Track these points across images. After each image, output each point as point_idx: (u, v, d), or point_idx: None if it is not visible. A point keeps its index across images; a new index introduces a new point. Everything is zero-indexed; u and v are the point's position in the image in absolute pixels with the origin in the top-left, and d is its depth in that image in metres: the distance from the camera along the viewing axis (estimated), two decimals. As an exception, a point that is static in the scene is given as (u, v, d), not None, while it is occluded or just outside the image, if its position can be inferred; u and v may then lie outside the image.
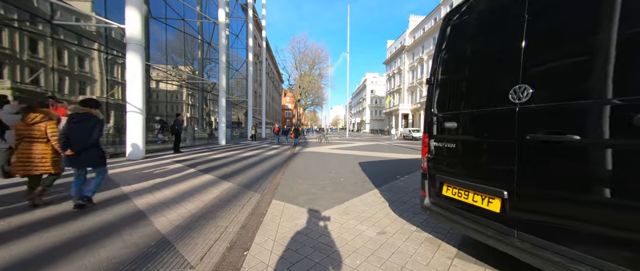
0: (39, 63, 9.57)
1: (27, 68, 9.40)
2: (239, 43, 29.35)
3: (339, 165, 7.79)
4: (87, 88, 11.39)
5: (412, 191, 4.53)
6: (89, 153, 3.21)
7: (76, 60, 10.96)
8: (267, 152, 12.06)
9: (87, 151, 3.19)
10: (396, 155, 11.00)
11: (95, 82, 11.50)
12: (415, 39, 41.52)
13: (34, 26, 9.56)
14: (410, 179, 5.59)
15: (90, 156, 3.23)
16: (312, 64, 33.01)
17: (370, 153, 11.82)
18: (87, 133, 3.14)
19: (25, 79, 9.38)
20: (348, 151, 12.68)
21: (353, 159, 9.38)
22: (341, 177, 5.79)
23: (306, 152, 11.97)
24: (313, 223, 2.99)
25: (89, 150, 3.20)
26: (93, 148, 3.25)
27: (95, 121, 3.23)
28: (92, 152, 3.25)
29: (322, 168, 7.32)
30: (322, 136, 21.33)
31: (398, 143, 21.32)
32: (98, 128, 3.24)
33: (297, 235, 2.66)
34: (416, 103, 40.06)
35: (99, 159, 3.37)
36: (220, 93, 15.86)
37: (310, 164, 8.12)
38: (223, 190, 4.54)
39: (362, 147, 15.90)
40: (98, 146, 3.34)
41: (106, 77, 11.62)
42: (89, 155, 3.22)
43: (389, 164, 8.13)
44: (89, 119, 3.19)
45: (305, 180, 5.51)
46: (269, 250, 2.33)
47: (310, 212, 3.36)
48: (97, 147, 3.32)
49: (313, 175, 6.04)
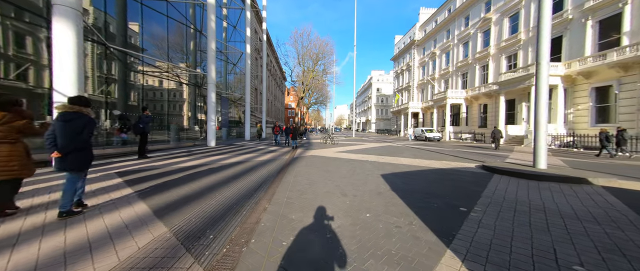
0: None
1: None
2: (237, 36, 27.16)
3: (356, 180, 5.44)
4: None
5: (521, 254, 2.15)
6: (78, 155, 2.93)
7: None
8: (260, 156, 9.75)
9: (77, 153, 2.92)
10: (422, 161, 8.60)
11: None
12: (426, 32, 38.89)
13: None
14: (490, 215, 3.21)
15: (78, 158, 2.93)
16: (316, 59, 30.56)
17: (389, 158, 9.44)
18: (77, 134, 2.87)
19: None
20: (360, 155, 10.31)
21: (371, 169, 7.01)
22: (366, 207, 3.45)
23: (309, 157, 9.64)
24: None
25: (78, 152, 2.93)
26: (83, 150, 2.97)
27: (86, 121, 2.93)
28: (81, 154, 2.96)
29: (331, 185, 4.99)
30: (327, 136, 18.98)
31: (413, 144, 18.87)
32: (89, 128, 2.95)
33: None
34: (427, 101, 37.43)
35: (87, 162, 3.07)
36: (209, 87, 13.62)
37: (314, 178, 5.80)
38: (133, 253, 2.22)
39: (375, 149, 13.51)
40: (88, 149, 3.04)
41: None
42: (78, 157, 2.94)
43: (425, 178, 5.74)
44: (79, 119, 2.89)
45: (306, 213, 3.19)
46: None
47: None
48: (87, 149, 3.02)
49: (318, 202, 3.70)
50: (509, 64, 23.19)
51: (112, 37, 11.92)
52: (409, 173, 6.26)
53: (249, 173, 6.23)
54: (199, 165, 7.09)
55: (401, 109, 42.73)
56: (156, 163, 7.34)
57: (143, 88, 13.97)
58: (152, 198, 3.82)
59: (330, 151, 12.21)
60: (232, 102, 26.66)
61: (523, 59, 21.34)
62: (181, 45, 16.94)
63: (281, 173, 6.31)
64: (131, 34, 13.23)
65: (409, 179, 5.55)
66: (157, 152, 10.25)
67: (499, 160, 9.25)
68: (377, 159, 9.17)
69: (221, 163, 7.76)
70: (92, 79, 10.99)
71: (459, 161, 8.91)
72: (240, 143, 16.32)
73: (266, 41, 32.31)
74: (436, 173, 6.30)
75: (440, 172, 6.51)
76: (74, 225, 2.75)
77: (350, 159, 9.09)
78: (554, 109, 17.68)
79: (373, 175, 5.98)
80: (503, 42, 23.50)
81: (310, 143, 18.16)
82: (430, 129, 27.62)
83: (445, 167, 7.34)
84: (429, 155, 10.66)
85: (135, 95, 13.67)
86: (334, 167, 7.31)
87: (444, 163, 8.11)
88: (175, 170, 6.24)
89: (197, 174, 5.84)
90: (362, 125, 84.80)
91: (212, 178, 5.55)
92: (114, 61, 12.12)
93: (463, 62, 29.50)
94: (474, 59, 27.55)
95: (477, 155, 11.38)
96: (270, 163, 7.86)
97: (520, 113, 20.40)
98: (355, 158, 9.47)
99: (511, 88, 19.22)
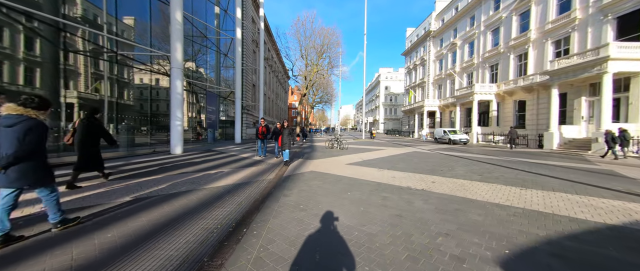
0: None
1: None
2: (230, 23, 23.37)
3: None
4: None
5: None
6: (20, 167, 2.40)
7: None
8: (229, 177, 5.96)
9: (19, 165, 2.39)
10: (539, 196, 4.67)
11: None
12: (444, 21, 34.66)
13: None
14: None
15: (22, 171, 2.41)
16: (321, 51, 26.63)
17: (448, 182, 5.52)
18: (16, 142, 2.37)
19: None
20: (389, 173, 6.41)
21: (440, 222, 3.11)
22: None
23: (306, 179, 5.79)
24: None
25: (21, 164, 2.40)
26: (28, 161, 2.45)
27: (30, 125, 2.42)
28: (27, 166, 2.44)
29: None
30: (334, 140, 15.08)
31: (438, 149, 14.80)
32: (33, 135, 2.43)
33: None
34: (446, 98, 33.24)
35: (37, 175, 2.52)
36: (173, 73, 9.85)
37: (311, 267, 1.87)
38: None
39: (402, 159, 9.57)
40: (35, 159, 2.50)
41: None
42: (20, 170, 2.40)
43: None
44: (21, 123, 2.40)
45: None
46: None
47: None
48: (33, 160, 2.49)
49: None
50: (557, 50, 18.93)
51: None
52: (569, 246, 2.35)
53: (157, 239, 2.39)
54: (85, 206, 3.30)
55: (415, 108, 38.55)
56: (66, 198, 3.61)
57: (64, 70, 9.34)
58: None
59: (340, 162, 8.34)
60: (223, 98, 23.02)
61: (579, 42, 17.09)
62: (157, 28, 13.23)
63: (237, 232, 2.49)
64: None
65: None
66: (113, 162, 6.54)
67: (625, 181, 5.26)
68: (429, 186, 5.25)
69: (163, 193, 3.96)
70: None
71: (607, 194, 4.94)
72: (221, 150, 12.56)
73: (264, 29, 28.60)
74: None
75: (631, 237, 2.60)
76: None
77: (378, 184, 5.20)
78: (634, 104, 13.47)
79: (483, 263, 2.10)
80: (549, 24, 19.25)
81: (313, 148, 14.32)
82: (454, 130, 23.48)
83: (625, 220, 3.40)
84: (500, 172, 6.70)
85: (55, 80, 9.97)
86: (355, 210, 3.44)
87: (595, 201, 4.18)
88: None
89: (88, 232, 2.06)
90: (369, 125, 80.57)
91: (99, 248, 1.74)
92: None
93: (492, 52, 25.24)
94: (507, 47, 23.30)
95: (569, 172, 7.36)
96: (237, 197, 4.03)
97: (579, 110, 16.15)
98: (386, 180, 5.57)
99: (570, 79, 15.02)
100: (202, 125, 18.85)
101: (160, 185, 4.83)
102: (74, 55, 9.93)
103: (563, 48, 18.45)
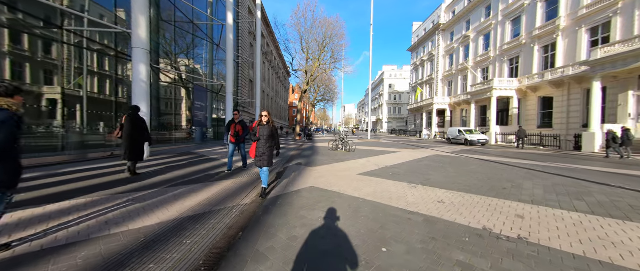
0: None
1: None
2: (223, 12, 21.19)
3: None
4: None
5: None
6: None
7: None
8: (177, 202, 3.79)
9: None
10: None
11: None
12: (456, 13, 32.33)
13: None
14: None
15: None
16: (323, 44, 24.44)
17: (533, 214, 3.31)
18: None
19: None
20: (430, 190, 4.20)
21: None
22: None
23: (305, 201, 3.59)
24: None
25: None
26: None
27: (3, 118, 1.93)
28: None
29: None
30: (339, 141, 12.88)
31: (461, 151, 12.54)
32: (5, 129, 1.91)
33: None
34: (457, 95, 30.95)
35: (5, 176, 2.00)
36: (135, 53, 7.68)
37: None
38: None
39: (427, 163, 7.34)
40: (4, 158, 1.97)
41: None
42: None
43: None
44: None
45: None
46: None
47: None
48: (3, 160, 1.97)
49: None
50: (593, 39, 16.60)
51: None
52: None
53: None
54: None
55: (423, 106, 36.26)
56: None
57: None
58: None
59: (350, 171, 6.13)
60: (216, 94, 20.86)
61: (622, 28, 14.77)
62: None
63: None
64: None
65: None
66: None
67: None
68: (522, 226, 3.04)
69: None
70: None
71: None
72: (202, 152, 10.39)
73: (262, 20, 26.42)
74: None
75: None
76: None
77: (425, 219, 2.99)
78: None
79: None
80: (583, 10, 16.91)
81: (314, 150, 12.12)
82: (470, 130, 21.19)
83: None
84: (606, 195, 4.50)
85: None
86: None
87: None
88: None
89: None
90: (372, 124, 78.20)
91: None
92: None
93: (512, 44, 22.90)
94: (530, 38, 20.97)
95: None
96: (154, 256, 1.85)
97: (625, 106, 13.84)
98: (434, 209, 3.36)
99: (619, 69, 12.71)
100: (191, 125, 16.71)
101: (62, 219, 2.65)
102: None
103: (601, 36, 16.11)
